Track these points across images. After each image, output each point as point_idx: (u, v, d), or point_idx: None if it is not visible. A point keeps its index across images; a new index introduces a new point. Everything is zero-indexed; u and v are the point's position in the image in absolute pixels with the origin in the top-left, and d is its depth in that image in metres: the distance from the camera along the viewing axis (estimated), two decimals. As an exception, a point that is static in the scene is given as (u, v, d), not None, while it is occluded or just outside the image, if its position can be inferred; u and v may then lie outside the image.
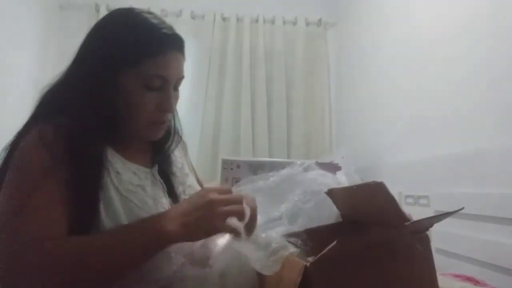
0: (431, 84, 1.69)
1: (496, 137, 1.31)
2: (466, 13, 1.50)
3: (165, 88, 0.77)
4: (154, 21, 0.78)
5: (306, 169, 1.51)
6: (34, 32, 2.32)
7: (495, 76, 1.33)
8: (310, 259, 0.52)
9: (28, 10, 2.26)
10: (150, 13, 0.80)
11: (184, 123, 2.88)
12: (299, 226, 1.03)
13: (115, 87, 0.75)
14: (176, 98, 0.84)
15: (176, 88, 0.82)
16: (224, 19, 2.72)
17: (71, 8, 2.52)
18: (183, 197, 0.84)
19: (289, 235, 0.66)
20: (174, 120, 0.92)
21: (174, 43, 0.79)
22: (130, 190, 0.74)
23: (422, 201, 1.63)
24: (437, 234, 1.40)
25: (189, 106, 2.59)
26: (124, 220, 0.70)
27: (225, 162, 2.10)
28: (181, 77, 0.82)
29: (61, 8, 2.51)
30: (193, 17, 2.69)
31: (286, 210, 1.28)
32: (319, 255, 0.50)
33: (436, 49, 1.66)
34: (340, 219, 0.76)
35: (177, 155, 0.93)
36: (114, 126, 0.77)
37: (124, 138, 0.80)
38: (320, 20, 2.79)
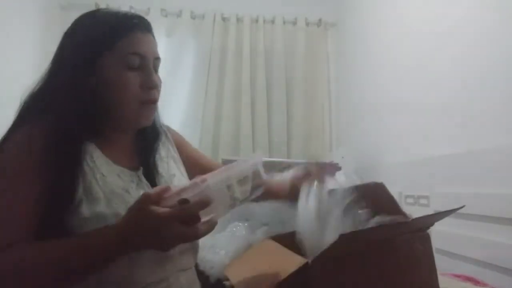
0: (431, 84, 1.69)
1: (496, 137, 1.31)
2: (469, 11, 1.50)
3: (144, 66, 0.80)
4: (121, 11, 0.84)
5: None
6: (34, 32, 2.32)
7: (496, 76, 1.33)
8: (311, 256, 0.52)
9: (28, 10, 2.25)
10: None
11: (184, 123, 2.88)
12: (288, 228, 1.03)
13: (95, 76, 0.77)
14: (161, 83, 0.85)
15: (155, 70, 0.84)
16: (224, 19, 2.72)
17: (71, 8, 2.52)
18: None
19: (292, 234, 0.66)
20: (155, 117, 0.92)
21: (142, 23, 0.83)
22: (114, 192, 0.75)
23: (422, 201, 1.63)
24: (437, 234, 1.40)
25: (189, 106, 2.59)
26: (110, 220, 0.70)
27: (225, 162, 2.10)
28: (157, 57, 0.84)
29: (61, 8, 2.51)
30: (193, 17, 2.69)
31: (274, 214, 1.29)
32: (320, 252, 0.50)
33: (436, 49, 1.66)
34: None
35: (163, 155, 0.92)
36: (99, 120, 0.79)
37: (111, 137, 0.82)
38: (320, 20, 2.79)
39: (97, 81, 0.77)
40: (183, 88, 2.60)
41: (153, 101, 0.82)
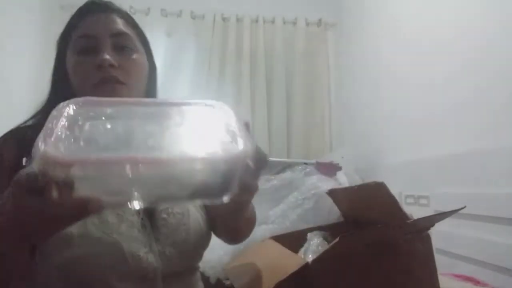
0: (431, 84, 1.69)
1: (496, 137, 1.31)
2: (466, 13, 1.50)
3: (98, 48, 0.72)
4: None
5: (307, 174, 1.54)
6: (34, 32, 2.32)
7: (495, 76, 1.33)
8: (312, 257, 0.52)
9: (28, 10, 2.25)
10: None
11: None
12: (288, 227, 1.03)
13: (67, 77, 0.74)
14: (133, 62, 0.75)
15: (120, 47, 0.74)
16: (224, 19, 2.72)
17: (72, 8, 2.50)
18: (163, 216, 0.72)
19: (292, 234, 0.66)
20: None
21: (94, 7, 0.77)
22: None
23: (422, 201, 1.63)
24: (437, 234, 1.40)
25: (189, 106, 2.59)
26: (75, 238, 0.62)
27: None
28: (116, 33, 0.74)
29: (61, 8, 2.51)
30: (193, 17, 2.69)
31: (279, 212, 1.29)
32: (320, 253, 0.50)
33: (437, 49, 1.66)
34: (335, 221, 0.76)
35: None
36: None
37: None
38: (320, 20, 2.79)
39: (67, 79, 0.74)
40: (183, 88, 2.60)
41: (105, 80, 0.71)
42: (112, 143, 0.48)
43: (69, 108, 0.50)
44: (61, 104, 0.51)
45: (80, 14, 0.77)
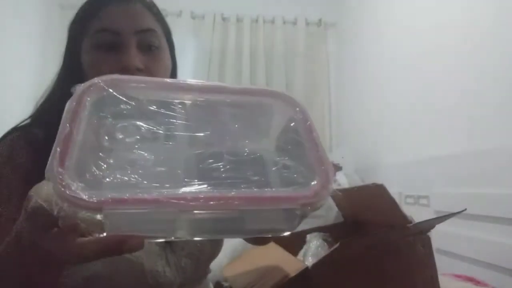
0: (431, 84, 1.69)
1: (496, 137, 1.31)
2: (468, 13, 1.50)
3: (121, 45, 0.64)
4: None
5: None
6: (35, 32, 2.32)
7: (496, 76, 1.33)
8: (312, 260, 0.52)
9: (28, 9, 2.25)
10: None
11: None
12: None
13: (80, 68, 0.66)
14: (160, 63, 0.68)
15: (145, 46, 0.66)
16: (224, 19, 2.72)
17: (72, 7, 2.48)
18: None
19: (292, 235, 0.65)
20: None
21: None
22: None
23: (422, 201, 1.63)
24: (437, 234, 1.40)
25: (189, 106, 2.59)
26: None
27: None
28: (142, 29, 0.66)
29: (61, 7, 2.51)
30: (193, 17, 2.69)
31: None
32: (321, 257, 0.50)
33: (437, 49, 1.66)
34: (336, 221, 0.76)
35: None
36: None
37: None
38: (320, 20, 2.79)
39: (81, 71, 0.66)
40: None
41: None
42: (152, 162, 0.37)
43: (92, 95, 0.38)
44: (81, 88, 0.39)
45: (101, 1, 0.67)
